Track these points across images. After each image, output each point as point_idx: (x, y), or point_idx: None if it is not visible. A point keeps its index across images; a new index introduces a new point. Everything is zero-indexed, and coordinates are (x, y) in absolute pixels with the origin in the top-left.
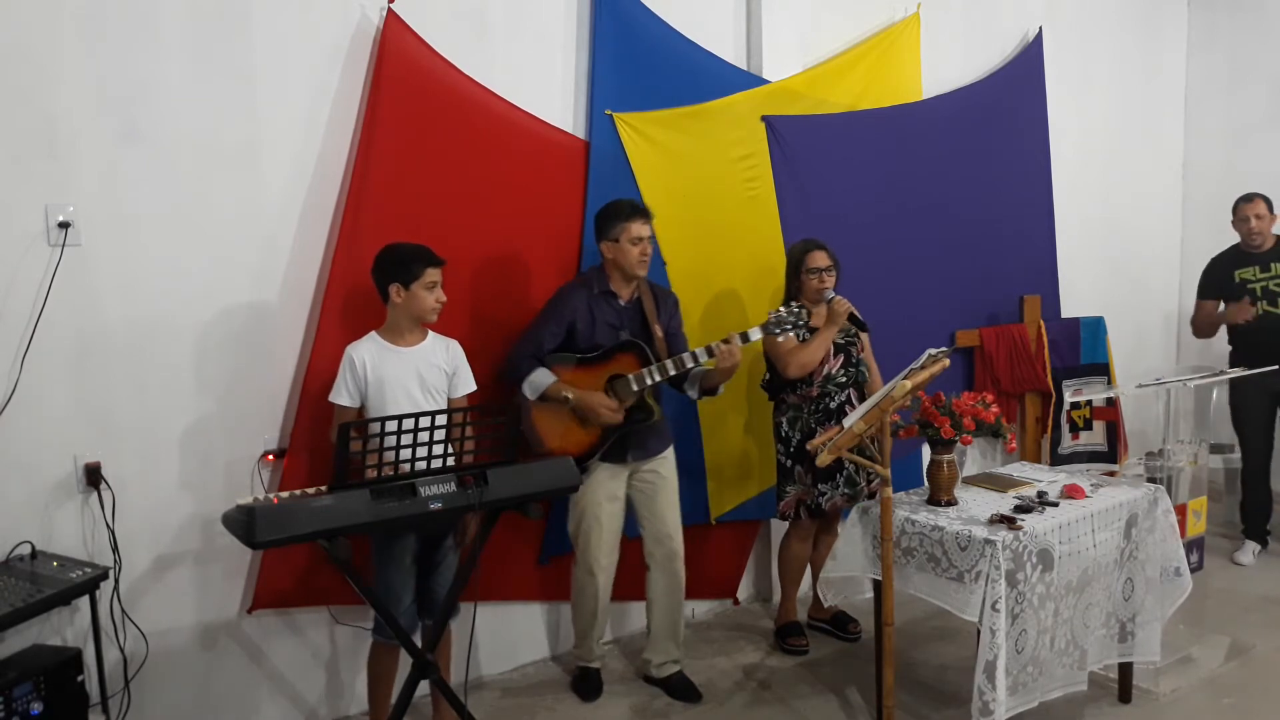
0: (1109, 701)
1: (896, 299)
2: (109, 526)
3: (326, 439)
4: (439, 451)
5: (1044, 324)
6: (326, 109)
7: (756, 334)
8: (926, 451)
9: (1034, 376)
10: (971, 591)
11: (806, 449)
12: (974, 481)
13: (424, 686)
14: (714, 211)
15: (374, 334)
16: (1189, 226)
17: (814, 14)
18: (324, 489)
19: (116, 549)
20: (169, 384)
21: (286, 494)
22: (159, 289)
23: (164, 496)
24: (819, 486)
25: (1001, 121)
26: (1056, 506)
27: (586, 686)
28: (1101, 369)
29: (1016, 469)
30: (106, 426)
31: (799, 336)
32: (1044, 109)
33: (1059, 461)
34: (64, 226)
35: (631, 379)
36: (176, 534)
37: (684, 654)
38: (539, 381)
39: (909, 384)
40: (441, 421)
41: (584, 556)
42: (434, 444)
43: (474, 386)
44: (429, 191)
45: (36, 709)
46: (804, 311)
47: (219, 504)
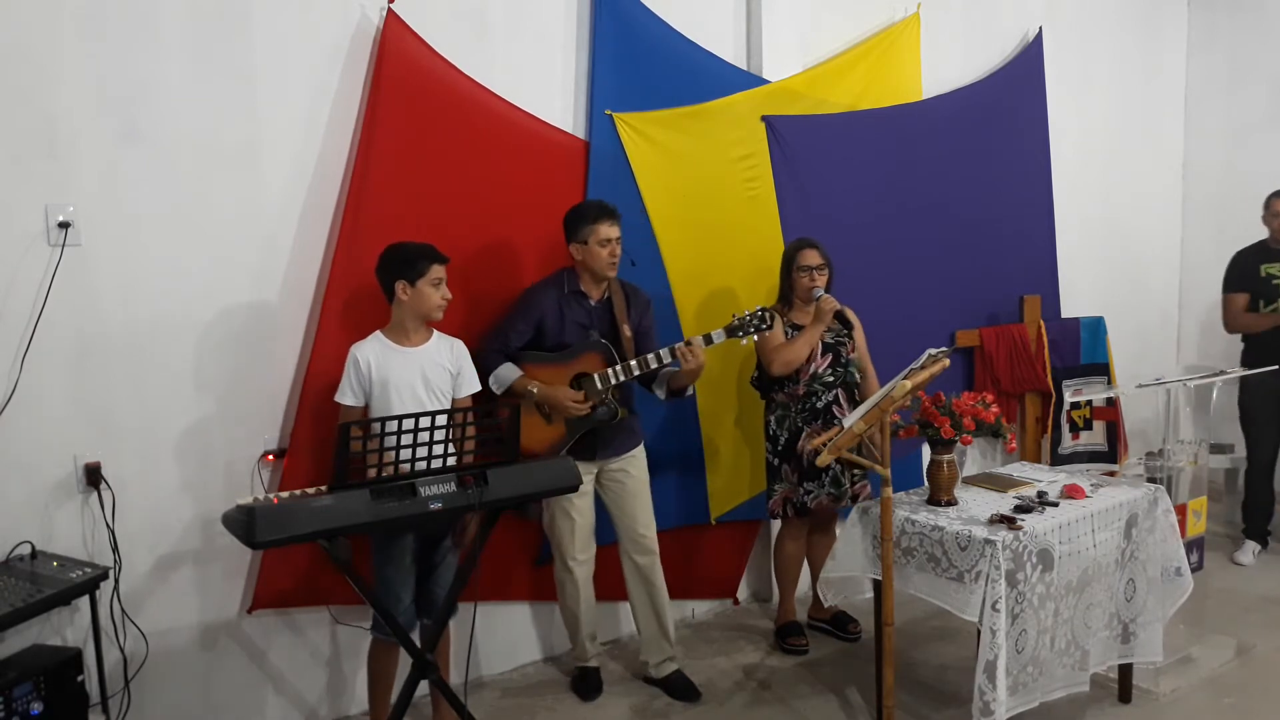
0: (1109, 701)
1: (896, 299)
2: (109, 526)
3: (327, 439)
4: (439, 451)
5: (1044, 324)
6: (326, 109)
7: (720, 336)
8: (926, 451)
9: (1034, 376)
10: (971, 591)
11: (796, 449)
12: (974, 481)
13: (423, 686)
14: (714, 211)
15: (378, 334)
16: (1189, 226)
17: (814, 14)
18: (324, 489)
19: (116, 549)
20: (169, 384)
21: (286, 494)
22: (159, 289)
23: (164, 496)
24: (804, 485)
25: (1001, 122)
26: (1056, 506)
27: (586, 686)
28: (1101, 369)
29: (1016, 469)
30: (106, 426)
31: (786, 334)
32: (1044, 109)
33: (1059, 461)
34: (64, 226)
35: (596, 378)
36: (176, 534)
37: (681, 651)
38: (505, 376)
39: (909, 384)
40: (441, 421)
41: (559, 552)
42: (434, 444)
43: (478, 386)
44: (429, 191)
45: (36, 709)
46: (768, 315)
47: (219, 504)
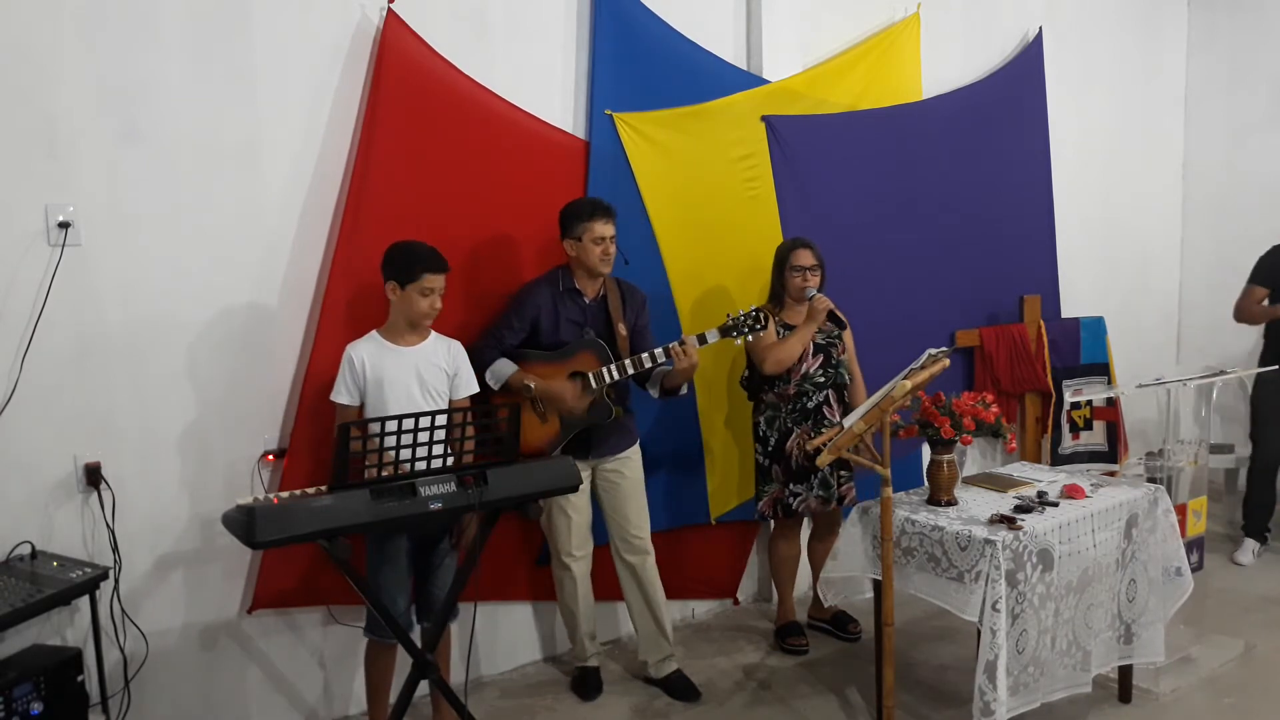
0: (1109, 702)
1: (896, 299)
2: (109, 526)
3: (327, 439)
4: (439, 451)
5: (1044, 324)
6: (326, 109)
7: (714, 336)
8: (926, 451)
9: (1034, 376)
10: (971, 591)
11: (785, 449)
12: (974, 481)
13: (423, 686)
14: (714, 211)
15: (375, 333)
16: (1189, 226)
17: (814, 14)
18: (324, 489)
19: (116, 549)
20: (169, 384)
21: (286, 494)
22: (159, 289)
23: (164, 496)
24: (791, 487)
25: (1001, 122)
26: (1056, 506)
27: (586, 686)
28: (1101, 369)
29: (1016, 469)
30: (106, 426)
31: (778, 333)
32: (1044, 109)
33: (1059, 461)
34: (64, 226)
35: (591, 377)
36: (176, 534)
37: (681, 652)
38: (501, 371)
39: (909, 384)
40: (441, 421)
41: (556, 549)
42: (434, 444)
43: (476, 388)
44: (429, 191)
45: (36, 709)
46: (762, 315)
47: (219, 504)
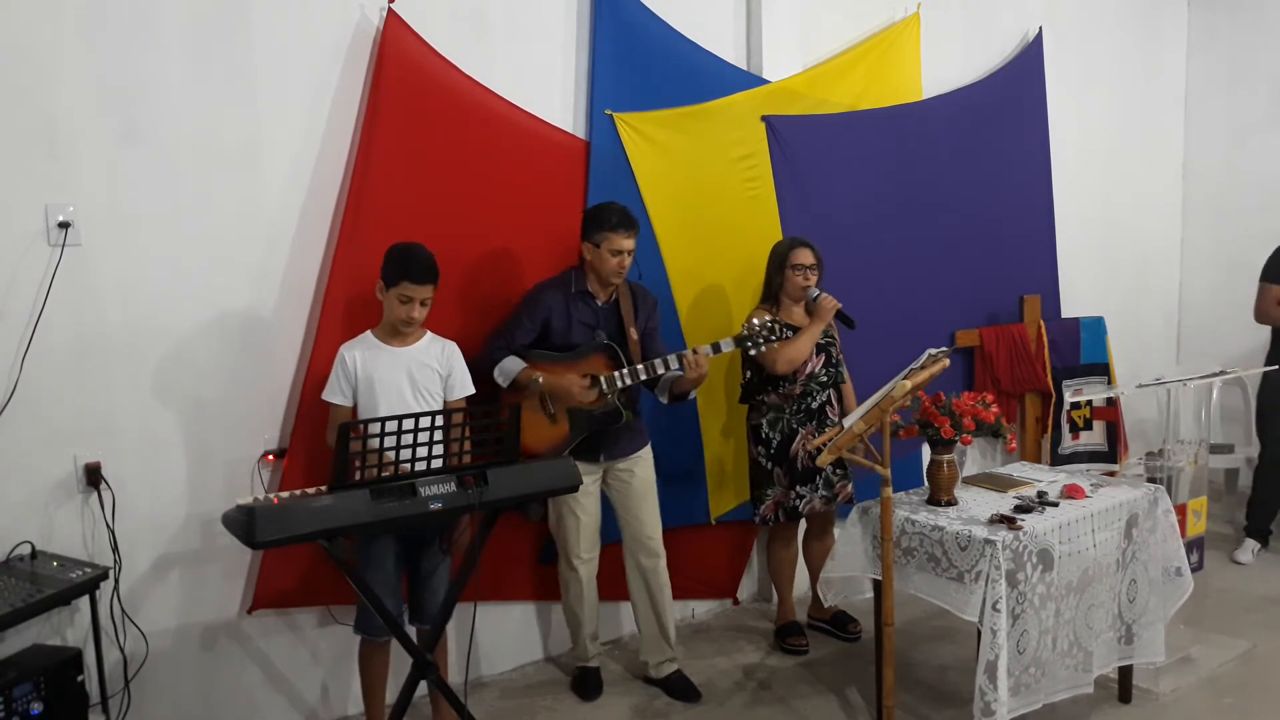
0: (1109, 702)
1: (896, 299)
2: (109, 526)
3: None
4: (439, 452)
5: (1044, 324)
6: (326, 109)
7: (729, 345)
8: (926, 451)
9: (1034, 376)
10: (972, 591)
11: (790, 451)
12: (974, 481)
13: (422, 687)
14: (714, 211)
15: (368, 333)
16: (1189, 226)
17: (814, 14)
18: (324, 489)
19: (116, 549)
20: (169, 384)
21: (286, 494)
22: (159, 289)
23: (164, 496)
24: (797, 489)
25: (1001, 121)
26: (1056, 506)
27: (586, 686)
28: (1101, 369)
29: (1016, 469)
30: (106, 426)
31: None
32: (1044, 109)
33: (1059, 461)
34: (64, 226)
35: (603, 380)
36: (176, 534)
37: (681, 652)
38: (509, 368)
39: (909, 384)
40: (441, 422)
41: (564, 551)
42: (434, 444)
43: (472, 389)
44: (429, 191)
45: (36, 709)
46: (778, 327)
47: (219, 504)
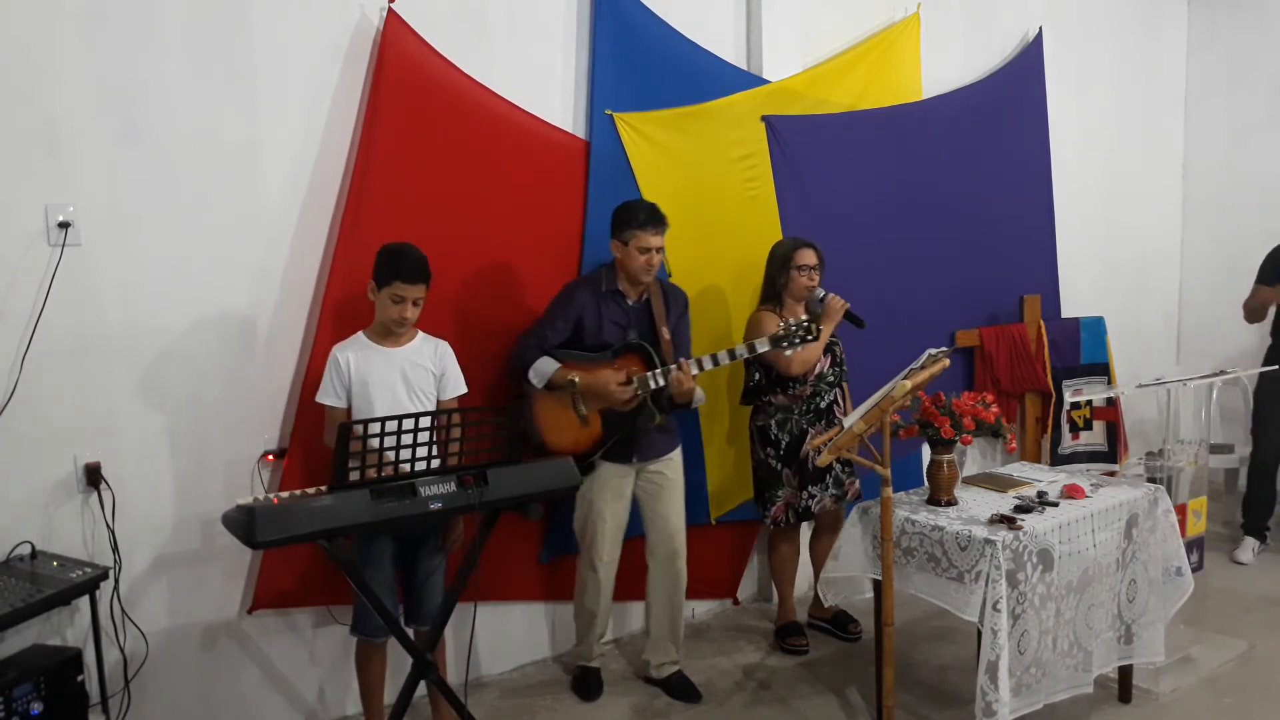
0: (1109, 702)
1: (896, 299)
2: (109, 526)
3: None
4: (439, 452)
5: (1044, 324)
6: (326, 109)
7: (764, 346)
8: (926, 451)
9: (1034, 376)
10: (972, 591)
11: (800, 452)
12: (974, 481)
13: (422, 687)
14: (714, 211)
15: (361, 333)
16: (1189, 226)
17: (814, 14)
18: (324, 489)
19: (116, 549)
20: (169, 384)
21: (286, 494)
22: (159, 289)
23: (164, 496)
24: (808, 489)
25: (1001, 121)
26: (1056, 506)
27: (586, 686)
28: (1101, 369)
29: (1016, 469)
30: (106, 426)
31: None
32: (1044, 109)
33: (1059, 461)
34: (64, 226)
35: (638, 381)
36: (176, 534)
37: (683, 655)
38: (544, 369)
39: (909, 384)
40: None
41: (588, 552)
42: (434, 444)
43: (464, 389)
44: (429, 191)
45: (36, 709)
46: (812, 326)
47: (219, 504)
